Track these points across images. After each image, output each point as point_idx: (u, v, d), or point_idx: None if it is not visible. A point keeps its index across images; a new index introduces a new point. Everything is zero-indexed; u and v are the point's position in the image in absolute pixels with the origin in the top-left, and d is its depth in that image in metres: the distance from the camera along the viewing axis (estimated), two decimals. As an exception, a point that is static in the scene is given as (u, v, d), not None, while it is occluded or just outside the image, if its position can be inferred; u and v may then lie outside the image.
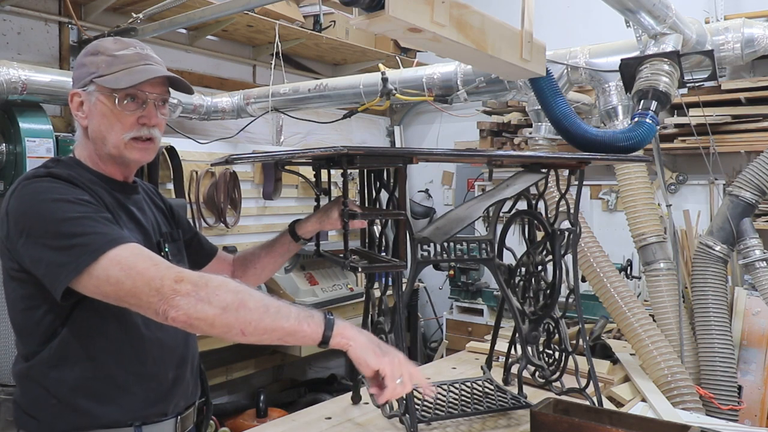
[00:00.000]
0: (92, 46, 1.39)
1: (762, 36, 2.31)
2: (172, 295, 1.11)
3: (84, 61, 1.37)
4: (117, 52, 1.35)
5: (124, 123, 1.34)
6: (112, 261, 1.14)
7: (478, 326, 4.67)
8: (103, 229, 1.19)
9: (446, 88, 3.05)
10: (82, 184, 1.28)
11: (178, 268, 1.16)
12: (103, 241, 1.16)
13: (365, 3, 1.27)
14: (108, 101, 1.33)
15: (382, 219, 1.78)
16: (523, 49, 1.70)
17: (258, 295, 1.17)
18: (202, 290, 1.12)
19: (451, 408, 1.86)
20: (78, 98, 1.37)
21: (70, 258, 1.15)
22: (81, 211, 1.20)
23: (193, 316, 1.11)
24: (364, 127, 5.75)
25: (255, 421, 3.52)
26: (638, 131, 1.99)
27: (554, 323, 1.98)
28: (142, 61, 1.37)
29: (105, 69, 1.34)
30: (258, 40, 4.64)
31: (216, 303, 1.12)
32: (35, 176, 1.27)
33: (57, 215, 1.19)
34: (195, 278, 1.14)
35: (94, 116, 1.35)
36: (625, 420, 1.60)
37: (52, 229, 1.18)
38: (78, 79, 1.38)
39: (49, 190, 1.23)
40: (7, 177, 3.26)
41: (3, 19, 3.54)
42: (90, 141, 1.38)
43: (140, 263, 1.14)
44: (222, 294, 1.13)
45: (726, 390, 2.44)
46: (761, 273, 2.54)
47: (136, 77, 1.33)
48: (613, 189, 4.29)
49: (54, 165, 1.34)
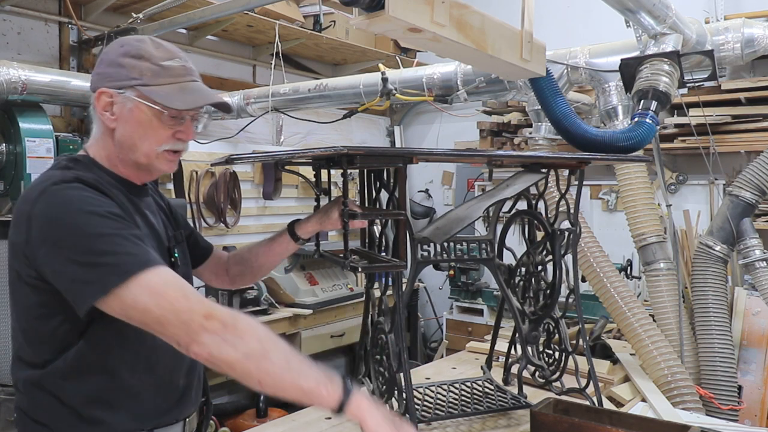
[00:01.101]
0: (133, 48, 1.31)
1: (762, 36, 2.31)
2: (199, 331, 1.11)
3: (123, 62, 1.30)
4: (163, 62, 1.30)
5: (160, 136, 1.31)
6: (142, 286, 1.12)
7: (478, 326, 4.68)
8: (133, 249, 1.16)
9: (446, 88, 3.05)
10: (108, 191, 1.26)
11: (208, 303, 1.15)
12: (133, 262, 1.14)
13: (365, 3, 1.27)
14: (150, 112, 1.29)
15: (382, 219, 1.77)
16: (523, 49, 1.70)
17: (282, 348, 1.16)
18: (230, 332, 1.11)
19: (451, 408, 1.86)
20: (107, 98, 1.30)
21: (97, 276, 1.13)
22: (112, 227, 1.17)
23: (216, 355, 1.11)
24: (364, 127, 5.76)
25: (255, 421, 3.52)
26: (638, 131, 1.99)
27: (554, 323, 1.98)
28: (189, 76, 1.34)
29: (151, 79, 1.29)
30: (258, 40, 4.65)
31: (240, 348, 1.11)
32: (63, 180, 1.22)
33: (88, 229, 1.15)
34: (224, 317, 1.13)
35: (127, 122, 1.30)
36: (625, 420, 1.60)
37: (82, 244, 1.14)
38: (111, 78, 1.30)
39: (81, 200, 1.18)
40: (7, 177, 3.26)
41: (3, 19, 3.54)
42: (114, 143, 1.33)
43: (171, 292, 1.13)
44: (248, 339, 1.12)
45: (726, 390, 2.44)
46: (761, 273, 2.54)
47: (191, 99, 1.31)
48: (613, 189, 4.29)
49: (74, 165, 1.30)
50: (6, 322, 2.99)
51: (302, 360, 1.17)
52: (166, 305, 1.12)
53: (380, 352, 1.73)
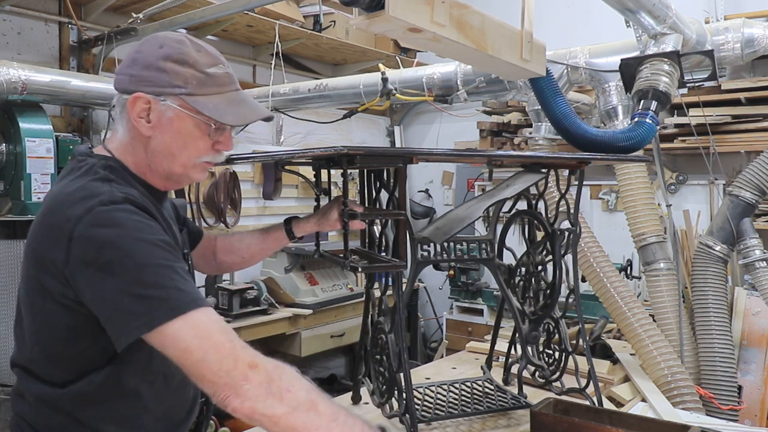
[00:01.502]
0: (175, 50, 1.22)
1: (762, 36, 2.31)
2: (243, 383, 1.05)
3: (164, 66, 1.21)
4: (208, 69, 1.24)
5: (200, 147, 1.26)
6: (189, 325, 1.07)
7: (478, 326, 4.68)
8: (183, 284, 1.10)
9: (446, 88, 3.05)
10: (150, 208, 1.20)
11: (252, 351, 1.09)
12: (183, 300, 1.08)
13: (365, 3, 1.27)
14: (192, 123, 1.24)
15: (382, 219, 1.77)
16: (523, 49, 1.70)
17: (328, 399, 1.11)
18: (275, 383, 1.06)
19: (451, 408, 1.86)
20: (144, 104, 1.22)
21: (144, 309, 1.07)
22: (163, 258, 1.11)
23: (259, 411, 1.05)
24: (364, 127, 5.76)
25: (255, 421, 3.52)
26: (638, 131, 1.99)
27: (554, 323, 1.98)
28: (233, 85, 1.29)
29: (196, 88, 1.22)
30: (258, 40, 4.65)
31: (287, 400, 1.06)
32: (112, 201, 1.14)
33: (139, 258, 1.09)
34: (270, 367, 1.07)
35: (166, 131, 1.23)
36: (625, 420, 1.60)
37: (132, 273, 1.08)
38: (150, 82, 1.21)
39: (133, 226, 1.12)
40: (7, 177, 3.27)
41: (3, 19, 3.54)
42: (146, 151, 1.26)
43: (216, 335, 1.07)
44: (295, 390, 1.07)
45: (726, 390, 2.44)
46: (761, 273, 2.54)
47: (241, 114, 1.27)
48: (613, 189, 4.29)
49: (111, 174, 1.22)
50: (6, 323, 2.99)
51: (347, 412, 1.13)
52: (210, 348, 1.06)
53: (380, 352, 1.73)
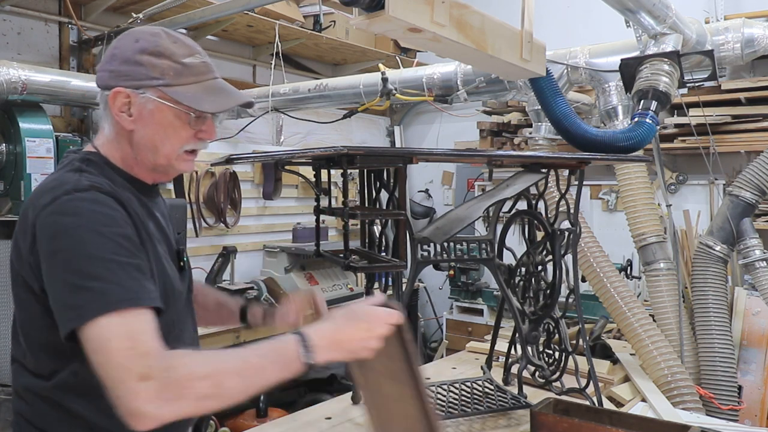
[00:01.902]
0: (151, 43, 1.23)
1: (762, 36, 2.31)
2: (133, 401, 1.00)
3: (140, 60, 1.22)
4: (184, 60, 1.25)
5: (182, 136, 1.27)
6: (114, 324, 1.04)
7: (478, 326, 4.68)
8: (125, 280, 1.08)
9: (446, 88, 3.05)
10: (122, 196, 1.19)
11: (148, 359, 1.02)
12: (120, 296, 1.06)
13: (365, 3, 1.27)
14: (172, 114, 1.24)
15: (382, 219, 1.77)
16: (523, 49, 1.70)
17: (231, 365, 1.07)
18: (170, 387, 1.01)
19: (451, 408, 1.86)
20: (124, 98, 1.23)
21: (81, 302, 1.06)
22: (112, 251, 1.09)
23: (167, 418, 1.01)
24: (364, 127, 5.76)
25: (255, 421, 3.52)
26: (638, 131, 1.99)
27: (554, 323, 1.98)
28: (210, 73, 1.29)
29: (174, 78, 1.23)
30: (258, 40, 4.65)
31: (188, 396, 1.02)
32: (77, 189, 1.14)
33: (87, 249, 1.08)
34: (160, 370, 1.02)
35: (147, 123, 1.24)
36: (625, 420, 1.60)
37: (75, 263, 1.07)
38: (129, 76, 1.22)
39: (90, 216, 1.11)
40: (7, 177, 3.26)
41: (3, 19, 3.54)
42: (131, 145, 1.27)
43: (118, 340, 1.03)
44: (193, 381, 1.03)
45: (726, 390, 2.44)
46: (761, 273, 2.54)
47: (219, 101, 1.27)
48: (613, 189, 4.29)
49: (87, 167, 1.23)
50: (6, 322, 2.99)
51: (252, 357, 1.10)
52: (103, 354, 1.03)
53: (380, 352, 1.73)
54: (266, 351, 1.11)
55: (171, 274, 1.29)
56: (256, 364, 1.10)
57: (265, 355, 1.11)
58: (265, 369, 1.10)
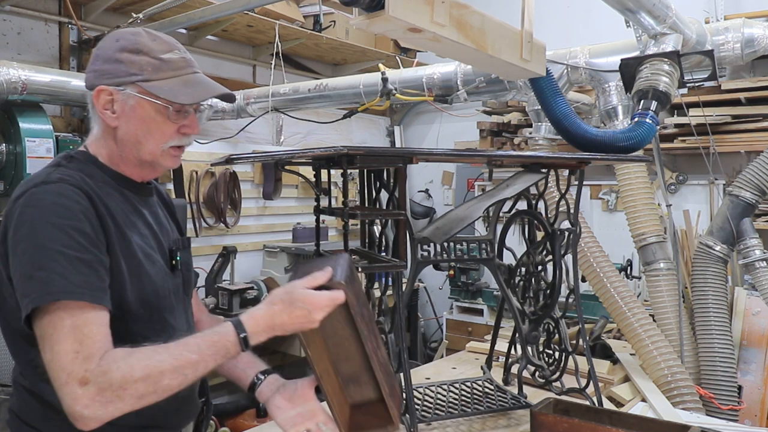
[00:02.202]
0: (130, 42, 1.26)
1: (762, 36, 2.31)
2: (74, 406, 1.05)
3: (120, 57, 1.25)
4: (163, 55, 1.27)
5: (164, 132, 1.28)
6: (56, 315, 1.08)
7: (478, 326, 4.68)
8: (70, 274, 1.10)
9: (446, 88, 3.05)
10: (100, 191, 1.21)
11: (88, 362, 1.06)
12: (62, 288, 1.08)
13: (365, 3, 1.27)
14: (153, 108, 1.26)
15: (382, 219, 1.77)
16: (523, 49, 1.70)
17: (167, 358, 1.09)
18: (108, 389, 1.05)
19: (451, 408, 1.86)
20: (107, 96, 1.26)
21: (31, 290, 1.09)
22: (64, 244, 1.11)
23: (108, 417, 1.06)
24: (364, 127, 5.76)
25: (255, 421, 3.53)
26: (638, 131, 1.99)
27: (554, 323, 1.98)
28: (189, 68, 1.31)
29: (152, 73, 1.25)
30: (258, 40, 4.65)
31: (128, 397, 1.06)
32: (45, 182, 1.18)
33: (40, 240, 1.11)
34: (98, 374, 1.05)
35: (130, 120, 1.26)
36: (625, 420, 1.60)
37: (29, 255, 1.11)
38: (110, 74, 1.25)
39: (49, 208, 1.14)
40: (7, 177, 3.27)
41: (3, 19, 3.54)
42: (116, 142, 1.29)
43: (64, 341, 1.06)
44: (131, 383, 1.06)
45: (726, 390, 2.44)
46: (761, 273, 2.54)
47: (196, 93, 1.28)
48: (613, 189, 4.29)
49: (67, 163, 1.25)
50: (6, 322, 2.99)
51: (190, 352, 1.11)
52: (48, 354, 1.07)
53: (380, 352, 1.73)
54: (204, 344, 1.14)
55: (152, 272, 1.28)
56: (193, 360, 1.12)
57: (203, 349, 1.13)
58: (202, 361, 1.13)
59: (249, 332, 1.16)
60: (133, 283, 1.23)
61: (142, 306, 1.25)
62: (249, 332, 1.16)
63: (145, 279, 1.26)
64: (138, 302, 1.24)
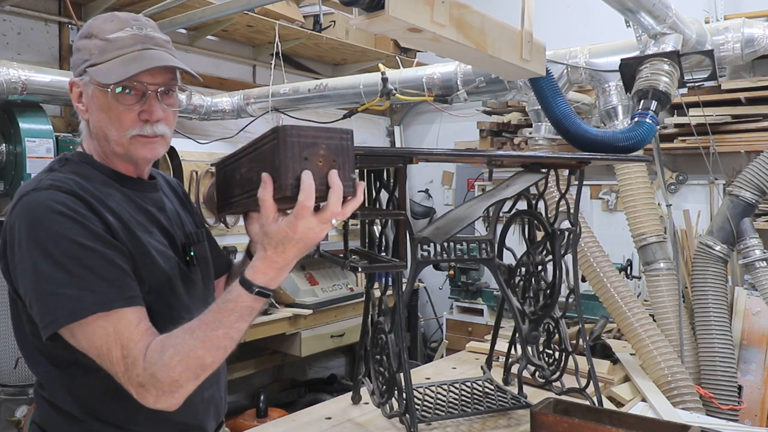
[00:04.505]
0: (87, 26, 1.21)
1: (762, 36, 2.31)
2: (148, 403, 1.07)
3: (78, 45, 1.20)
4: (111, 35, 1.17)
5: (123, 119, 1.18)
6: (96, 331, 1.06)
7: (478, 326, 4.67)
8: (93, 284, 1.06)
9: (446, 88, 3.05)
10: (96, 193, 1.15)
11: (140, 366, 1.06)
12: (90, 301, 1.05)
13: (365, 3, 1.27)
14: (102, 95, 1.17)
15: (382, 219, 1.77)
16: (523, 49, 1.70)
17: (196, 344, 1.07)
18: (163, 387, 1.06)
19: (451, 408, 1.86)
20: (77, 89, 1.21)
21: (49, 310, 1.06)
22: (75, 254, 1.07)
23: (182, 399, 1.08)
24: (364, 127, 5.75)
25: (255, 421, 3.52)
26: (638, 131, 1.99)
27: (554, 323, 1.98)
28: (139, 45, 1.18)
29: (98, 56, 1.17)
30: (258, 40, 4.64)
31: (184, 382, 1.07)
32: (36, 189, 1.11)
33: (53, 254, 1.06)
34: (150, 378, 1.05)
35: (93, 110, 1.20)
36: (625, 420, 1.60)
37: (41, 271, 1.06)
38: (75, 65, 1.21)
39: (49, 216, 1.08)
40: (7, 177, 3.26)
41: (3, 19, 3.54)
42: (96, 137, 1.23)
43: (114, 351, 1.06)
44: (180, 377, 1.06)
45: (726, 390, 2.44)
46: (761, 273, 2.54)
47: (128, 68, 1.15)
48: (613, 189, 4.29)
49: (60, 167, 1.19)
50: (6, 323, 2.99)
51: (210, 329, 1.08)
52: (107, 364, 1.08)
53: (380, 352, 1.73)
54: (223, 315, 1.09)
55: (167, 268, 1.23)
56: (221, 335, 1.08)
57: (225, 320, 1.09)
58: (232, 329, 1.09)
59: (260, 284, 1.09)
60: (149, 279, 1.18)
61: (159, 303, 1.20)
62: (260, 284, 1.09)
63: (159, 275, 1.21)
64: (155, 299, 1.19)
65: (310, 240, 1.08)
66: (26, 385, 3.00)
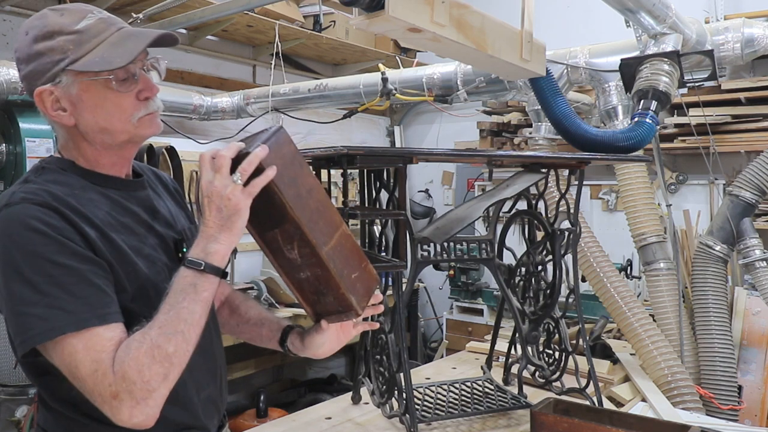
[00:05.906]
0: (39, 28, 1.13)
1: (762, 36, 2.31)
2: (121, 420, 1.04)
3: (38, 49, 1.13)
4: (78, 26, 1.13)
5: (124, 105, 1.16)
6: (66, 349, 1.04)
7: (478, 326, 4.68)
8: (65, 302, 1.04)
9: (446, 88, 3.05)
10: (64, 204, 1.11)
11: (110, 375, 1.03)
12: (62, 320, 1.03)
13: (365, 3, 1.27)
14: (99, 86, 1.14)
15: (382, 219, 1.77)
16: (523, 49, 1.70)
17: (155, 331, 1.06)
18: (135, 391, 1.03)
19: (451, 408, 1.86)
20: (49, 96, 1.14)
21: (21, 329, 1.05)
22: (49, 272, 1.05)
23: (156, 412, 1.06)
24: (364, 127, 5.76)
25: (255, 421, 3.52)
26: (638, 131, 1.99)
27: (554, 323, 1.98)
28: (113, 26, 1.17)
29: (77, 50, 1.12)
30: (258, 40, 4.64)
31: (154, 382, 1.04)
32: (8, 204, 1.09)
33: (24, 272, 1.04)
34: (121, 382, 1.03)
35: (84, 110, 1.15)
36: (625, 420, 1.60)
37: (11, 288, 1.05)
38: (39, 73, 1.14)
39: (21, 232, 1.05)
40: (7, 177, 3.26)
41: (3, 19, 3.54)
42: (85, 139, 1.18)
43: (81, 369, 1.04)
44: (148, 372, 1.04)
45: (726, 390, 2.45)
46: (761, 273, 2.54)
47: (130, 49, 1.13)
48: (613, 189, 4.29)
49: (36, 177, 1.16)
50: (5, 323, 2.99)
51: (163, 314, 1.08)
52: (80, 383, 1.05)
53: (380, 352, 1.73)
54: (172, 300, 1.09)
55: (150, 273, 1.20)
56: (173, 317, 1.07)
57: (175, 303, 1.08)
58: (184, 310, 1.08)
59: (193, 257, 1.10)
60: (131, 287, 1.16)
61: (146, 309, 1.16)
62: (193, 257, 1.10)
63: (143, 281, 1.19)
64: (140, 306, 1.16)
65: (217, 195, 1.10)
66: (26, 385, 3.01)
